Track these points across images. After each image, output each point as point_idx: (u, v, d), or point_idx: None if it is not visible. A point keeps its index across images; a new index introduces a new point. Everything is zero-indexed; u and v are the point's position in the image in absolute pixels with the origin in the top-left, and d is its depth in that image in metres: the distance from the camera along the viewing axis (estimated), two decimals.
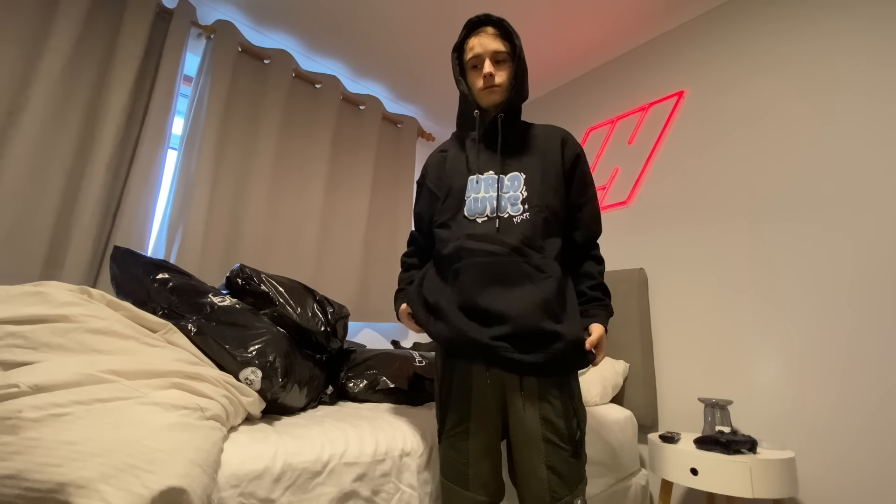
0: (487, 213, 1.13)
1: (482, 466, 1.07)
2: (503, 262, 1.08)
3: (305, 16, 2.29)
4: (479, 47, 1.16)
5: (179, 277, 1.29)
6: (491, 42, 1.15)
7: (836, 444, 1.51)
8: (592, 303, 1.19)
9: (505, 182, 1.15)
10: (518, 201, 1.13)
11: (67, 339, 0.88)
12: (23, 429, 0.67)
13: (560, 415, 1.04)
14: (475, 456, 1.07)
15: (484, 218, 1.13)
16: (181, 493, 0.69)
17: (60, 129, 1.77)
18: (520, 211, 1.12)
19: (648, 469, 1.91)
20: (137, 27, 1.95)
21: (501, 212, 1.13)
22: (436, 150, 1.35)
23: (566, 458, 1.02)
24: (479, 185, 1.17)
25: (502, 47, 1.15)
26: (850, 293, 1.55)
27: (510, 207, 1.13)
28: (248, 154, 2.28)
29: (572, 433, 1.04)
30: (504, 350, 1.03)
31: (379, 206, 2.79)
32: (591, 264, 1.23)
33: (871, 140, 1.58)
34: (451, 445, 1.10)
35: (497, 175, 1.16)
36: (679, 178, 2.10)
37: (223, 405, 0.96)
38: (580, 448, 1.06)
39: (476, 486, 1.06)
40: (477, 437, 1.07)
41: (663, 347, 2.01)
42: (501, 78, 1.16)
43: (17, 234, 1.65)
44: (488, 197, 1.15)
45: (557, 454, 1.02)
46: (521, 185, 1.14)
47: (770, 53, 1.89)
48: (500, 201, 1.13)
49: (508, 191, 1.14)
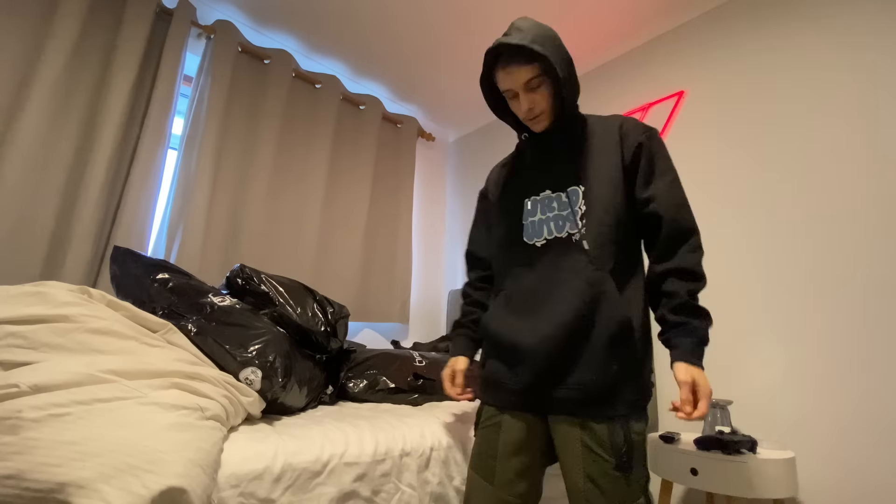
0: (545, 237, 1.06)
1: (510, 463, 1.02)
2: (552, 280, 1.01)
3: (305, 16, 2.29)
4: (508, 81, 1.04)
5: (179, 277, 1.30)
6: (518, 73, 1.01)
7: (836, 444, 1.51)
8: (674, 329, 1.00)
9: (561, 199, 1.06)
10: (577, 217, 1.03)
11: (67, 339, 0.88)
12: (23, 429, 0.67)
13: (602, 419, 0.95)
14: (504, 451, 1.03)
15: (542, 241, 1.06)
16: (181, 493, 0.69)
17: (60, 129, 1.77)
18: (578, 227, 1.02)
19: (648, 469, 1.90)
20: (137, 27, 1.95)
21: (560, 232, 1.04)
22: (498, 164, 1.29)
23: (608, 471, 0.92)
24: (535, 208, 1.10)
25: (531, 73, 1.01)
26: (851, 293, 1.55)
27: (568, 226, 1.04)
28: (248, 154, 2.28)
29: (617, 443, 0.93)
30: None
31: (379, 206, 2.79)
32: (673, 280, 1.03)
33: (872, 140, 1.58)
34: (483, 438, 1.08)
35: (554, 194, 1.08)
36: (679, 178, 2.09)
37: (223, 405, 0.96)
38: (628, 461, 0.93)
39: (502, 482, 1.01)
40: (509, 433, 1.03)
41: (663, 347, 2.01)
42: (543, 104, 1.05)
43: (17, 234, 1.65)
44: (544, 219, 1.07)
45: (597, 465, 0.92)
46: (579, 200, 1.04)
47: (770, 53, 1.89)
48: (558, 221, 1.05)
49: (566, 209, 1.05)
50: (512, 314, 1.07)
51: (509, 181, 1.20)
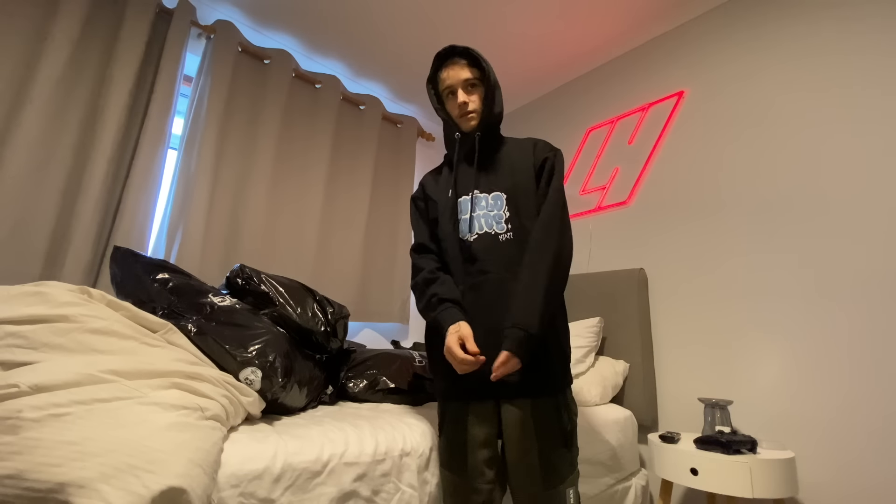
0: (477, 231, 1.19)
1: (479, 454, 1.11)
2: (492, 280, 1.14)
3: (305, 16, 2.29)
4: (450, 78, 1.23)
5: (179, 277, 1.29)
6: (461, 72, 1.22)
7: (836, 443, 1.51)
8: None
9: (489, 200, 1.21)
10: (502, 220, 1.18)
11: (67, 339, 0.88)
12: (23, 429, 0.67)
13: (550, 409, 1.10)
14: (472, 444, 1.12)
15: (474, 236, 1.19)
16: (181, 493, 0.69)
17: (60, 129, 1.77)
18: (504, 230, 1.18)
19: (648, 469, 1.91)
20: (137, 27, 1.95)
21: (489, 228, 1.19)
22: (429, 172, 1.41)
23: (557, 449, 1.08)
24: (467, 206, 1.22)
25: (472, 74, 1.22)
26: (850, 293, 1.55)
27: (496, 225, 1.18)
28: (248, 154, 2.28)
29: (563, 426, 1.10)
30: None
31: (379, 206, 2.79)
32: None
33: (872, 140, 1.58)
34: (449, 436, 1.16)
35: (482, 194, 1.22)
36: (679, 178, 2.10)
37: (223, 405, 0.96)
38: (571, 439, 1.12)
39: (474, 473, 1.10)
40: (474, 427, 1.13)
41: (663, 347, 2.01)
42: (475, 104, 1.23)
43: (17, 234, 1.65)
44: (475, 216, 1.20)
45: (549, 447, 1.07)
46: (503, 205, 1.20)
47: (770, 53, 1.89)
48: (488, 219, 1.19)
49: (493, 209, 1.20)
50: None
51: (443, 183, 1.31)
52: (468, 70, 1.22)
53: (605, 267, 2.31)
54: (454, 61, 1.23)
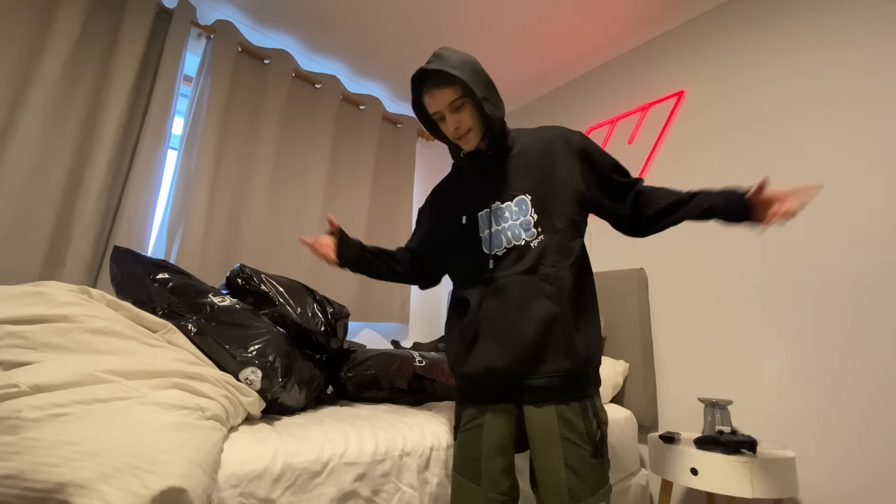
0: (505, 246, 1.12)
1: (495, 463, 1.06)
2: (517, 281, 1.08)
3: (305, 16, 2.29)
4: (433, 105, 1.12)
5: (179, 277, 1.29)
6: (441, 95, 1.09)
7: (836, 444, 1.51)
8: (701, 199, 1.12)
9: (512, 209, 1.13)
10: (530, 226, 1.11)
11: (67, 339, 0.88)
12: (23, 429, 0.67)
13: (577, 413, 1.02)
14: (488, 451, 1.07)
15: (503, 251, 1.12)
16: (181, 493, 0.69)
17: (60, 129, 1.77)
18: (534, 235, 1.10)
19: (648, 469, 1.91)
20: (137, 27, 1.95)
21: (517, 240, 1.11)
22: (438, 186, 1.36)
23: (586, 458, 1.00)
24: (488, 220, 1.16)
25: (455, 95, 1.09)
26: (851, 293, 1.55)
27: (524, 234, 1.11)
28: (248, 154, 2.28)
29: (592, 432, 1.02)
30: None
31: (379, 206, 2.79)
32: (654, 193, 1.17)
33: (873, 141, 1.58)
34: (465, 440, 1.11)
35: (504, 204, 1.14)
36: (679, 178, 2.10)
37: (223, 405, 0.96)
38: (601, 449, 1.03)
39: (488, 481, 1.05)
40: (491, 433, 1.08)
41: (663, 347, 2.01)
42: (468, 123, 1.12)
43: (17, 234, 1.65)
44: (500, 230, 1.13)
45: (577, 453, 0.99)
46: (528, 209, 1.12)
47: (770, 53, 1.89)
48: (511, 231, 1.12)
49: (518, 217, 1.12)
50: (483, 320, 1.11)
51: (456, 198, 1.26)
52: (449, 91, 1.08)
53: (605, 267, 2.31)
54: (432, 85, 1.09)
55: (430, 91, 1.10)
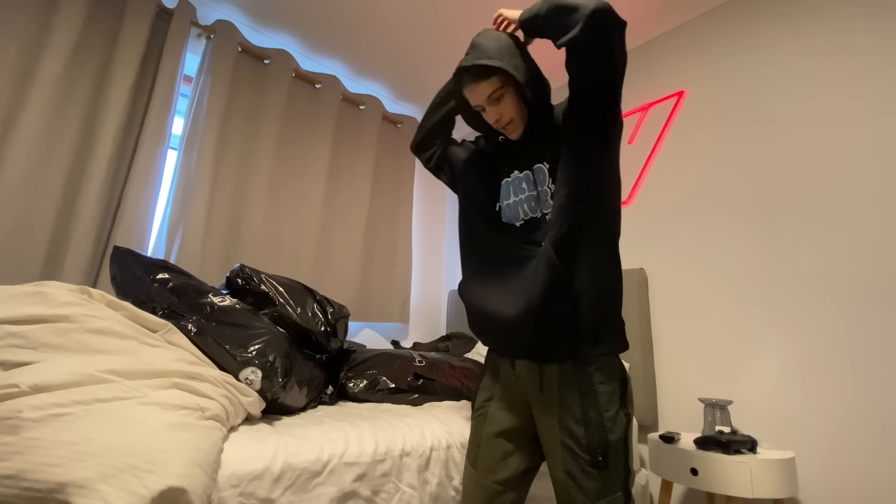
0: (522, 217, 1.08)
1: (491, 450, 1.07)
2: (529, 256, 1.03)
3: (305, 16, 2.29)
4: (473, 98, 1.07)
5: (179, 277, 1.30)
6: (478, 89, 1.05)
7: (836, 444, 1.51)
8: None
9: (531, 178, 1.08)
10: (549, 196, 1.04)
11: (67, 339, 0.88)
12: (23, 429, 0.67)
13: (580, 422, 0.98)
14: (487, 438, 1.08)
15: (521, 222, 1.08)
16: (181, 493, 0.69)
17: (60, 129, 1.77)
18: (550, 207, 1.03)
19: (648, 469, 1.90)
20: (137, 27, 1.95)
21: (534, 213, 1.06)
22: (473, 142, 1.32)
23: (583, 468, 0.96)
24: (509, 189, 1.12)
25: (492, 87, 1.03)
26: (851, 292, 1.55)
27: (543, 206, 1.05)
28: (248, 154, 2.28)
29: (592, 442, 0.97)
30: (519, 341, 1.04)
31: (379, 206, 2.79)
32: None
33: (873, 140, 1.58)
34: (473, 426, 1.14)
35: (522, 174, 1.10)
36: (679, 178, 2.10)
37: (223, 405, 0.96)
38: (603, 459, 0.97)
39: (483, 468, 1.06)
40: (493, 422, 1.09)
41: (663, 347, 2.01)
42: (510, 113, 1.07)
43: (17, 234, 1.65)
44: (518, 201, 1.09)
45: (575, 461, 0.97)
46: (546, 179, 1.06)
47: (770, 53, 1.89)
48: (531, 202, 1.07)
49: (536, 187, 1.07)
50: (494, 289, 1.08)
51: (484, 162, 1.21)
52: (485, 84, 1.03)
53: None
54: (468, 79, 1.06)
55: (467, 86, 1.06)
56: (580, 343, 1.00)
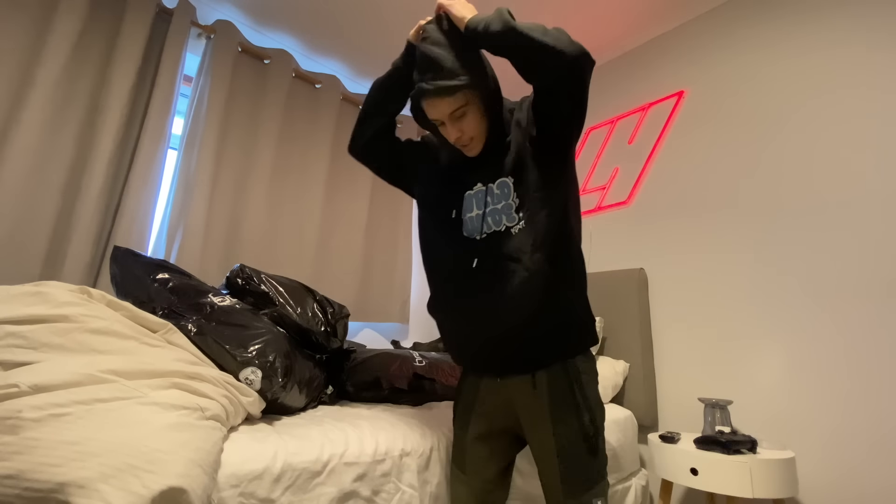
0: (485, 231, 1.05)
1: (478, 451, 1.11)
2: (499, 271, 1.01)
3: (305, 16, 2.29)
4: (432, 113, 1.01)
5: (179, 277, 1.29)
6: (441, 104, 0.98)
7: (836, 444, 1.51)
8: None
9: (494, 191, 1.05)
10: (512, 210, 1.02)
11: (67, 339, 0.88)
12: (23, 429, 0.67)
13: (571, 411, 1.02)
14: (473, 439, 1.12)
15: (483, 235, 1.05)
16: (181, 493, 0.69)
17: (60, 129, 1.77)
18: (515, 221, 1.02)
19: (648, 469, 1.91)
20: (137, 27, 1.95)
21: (498, 226, 1.03)
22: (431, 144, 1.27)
23: (581, 454, 1.01)
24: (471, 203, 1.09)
25: (456, 104, 0.98)
26: (851, 293, 1.55)
27: (505, 219, 1.03)
28: (248, 154, 2.28)
29: (585, 429, 1.01)
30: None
31: (379, 206, 2.79)
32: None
33: (873, 140, 1.58)
34: (455, 433, 1.17)
35: (485, 187, 1.07)
36: (679, 177, 2.10)
37: (223, 405, 0.95)
38: (596, 445, 1.02)
39: (471, 469, 1.10)
40: (478, 424, 1.12)
41: (663, 347, 2.01)
42: (472, 129, 1.03)
43: (17, 234, 1.65)
44: (481, 214, 1.06)
45: (571, 449, 1.01)
46: (511, 193, 1.03)
47: (771, 53, 1.89)
48: (494, 216, 1.04)
49: (500, 201, 1.04)
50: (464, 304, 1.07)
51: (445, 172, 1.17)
52: (450, 101, 0.97)
53: (605, 267, 2.31)
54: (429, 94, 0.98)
55: (427, 100, 0.99)
56: (567, 344, 1.05)
